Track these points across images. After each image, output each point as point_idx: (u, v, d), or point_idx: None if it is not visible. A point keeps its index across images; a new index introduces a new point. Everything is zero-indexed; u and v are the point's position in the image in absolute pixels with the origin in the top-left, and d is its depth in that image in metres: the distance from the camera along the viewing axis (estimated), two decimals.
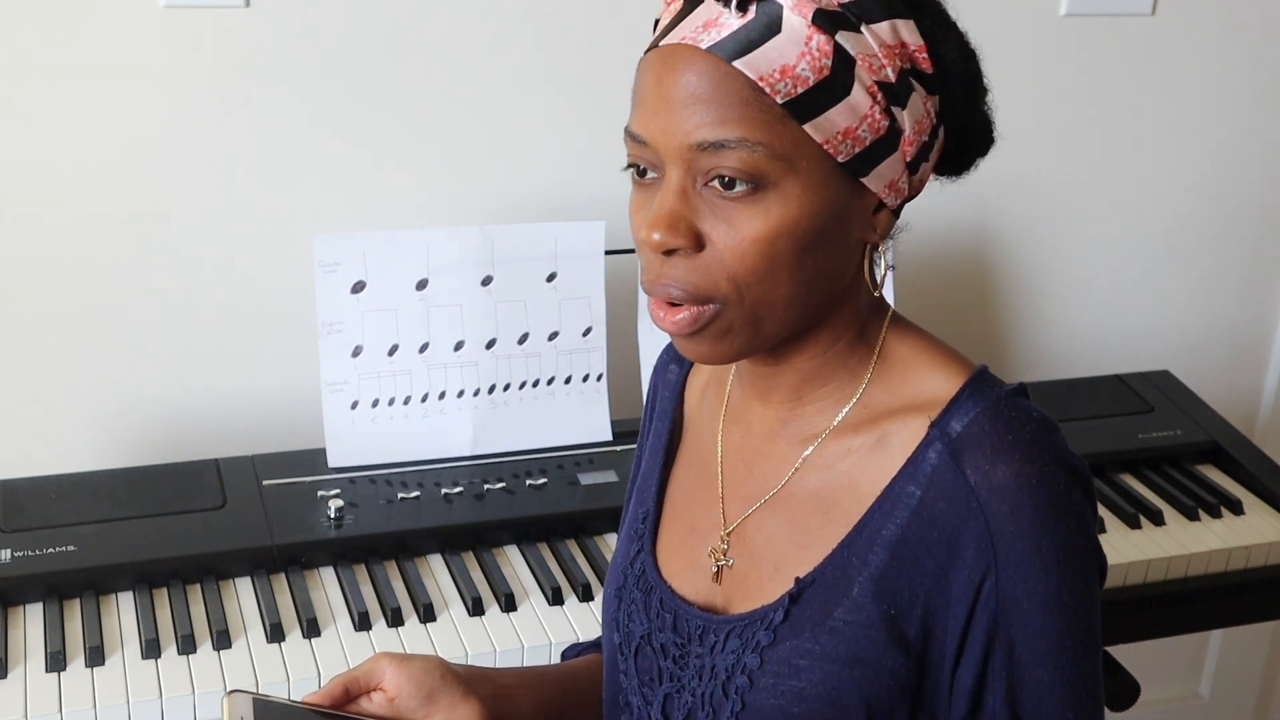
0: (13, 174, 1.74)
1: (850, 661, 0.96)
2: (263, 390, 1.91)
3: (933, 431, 0.95)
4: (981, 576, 0.93)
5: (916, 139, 0.94)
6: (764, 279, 0.92)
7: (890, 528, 0.96)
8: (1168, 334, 2.40)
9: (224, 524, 1.60)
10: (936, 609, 0.95)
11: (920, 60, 0.93)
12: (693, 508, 1.11)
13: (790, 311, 0.95)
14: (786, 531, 1.02)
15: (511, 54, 1.89)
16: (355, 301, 1.70)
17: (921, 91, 0.93)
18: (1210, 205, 2.35)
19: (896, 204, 0.96)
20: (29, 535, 1.54)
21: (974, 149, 1.00)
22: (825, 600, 0.97)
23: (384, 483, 1.70)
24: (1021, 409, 0.96)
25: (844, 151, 0.91)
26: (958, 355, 1.02)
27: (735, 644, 1.01)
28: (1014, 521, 0.92)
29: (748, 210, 0.91)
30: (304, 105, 1.82)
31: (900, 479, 0.96)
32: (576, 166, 1.97)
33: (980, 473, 0.93)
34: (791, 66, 0.89)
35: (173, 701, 1.38)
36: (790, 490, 1.03)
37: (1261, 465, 1.94)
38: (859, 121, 0.91)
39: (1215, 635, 2.56)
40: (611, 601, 1.13)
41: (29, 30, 1.70)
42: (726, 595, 1.05)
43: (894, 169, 0.94)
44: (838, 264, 0.95)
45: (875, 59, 0.91)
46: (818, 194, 0.91)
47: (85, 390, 1.84)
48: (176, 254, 1.83)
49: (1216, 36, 2.23)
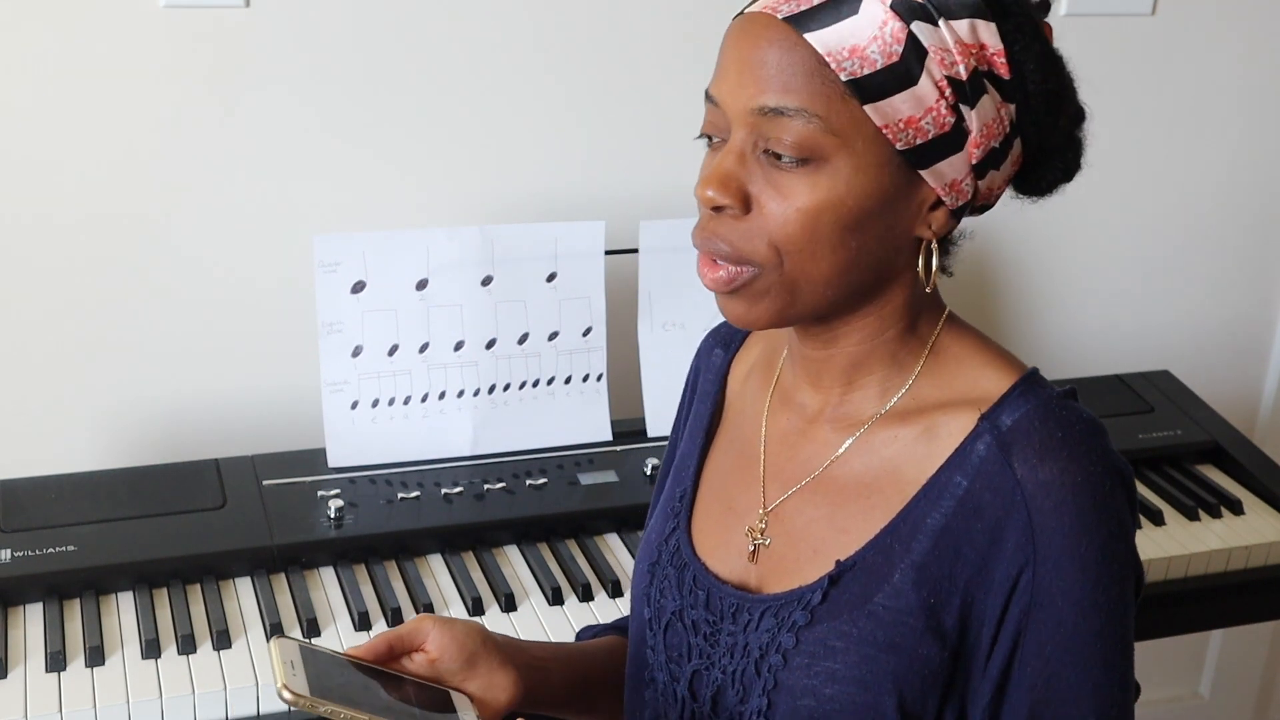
0: (13, 174, 1.74)
1: (886, 646, 0.97)
2: (263, 390, 1.91)
3: (982, 424, 0.96)
4: (1019, 569, 0.94)
5: (985, 142, 0.94)
6: (804, 250, 0.94)
7: (935, 516, 0.97)
8: (1168, 334, 2.40)
9: (224, 524, 1.60)
10: (975, 599, 0.96)
11: (997, 64, 0.93)
12: (731, 488, 1.12)
13: (830, 288, 0.96)
14: (827, 515, 1.03)
15: (512, 54, 1.89)
16: (355, 301, 1.70)
17: (995, 96, 0.94)
18: (1210, 205, 2.35)
19: (957, 204, 0.96)
20: (29, 535, 1.54)
21: (1053, 169, 1.00)
22: (865, 584, 0.98)
23: (384, 483, 1.70)
24: (1072, 409, 0.97)
25: (903, 140, 0.92)
26: (1011, 356, 1.03)
27: (770, 623, 1.02)
28: (1056, 518, 0.93)
29: (799, 181, 0.93)
30: (304, 105, 1.82)
31: (947, 468, 0.97)
32: (576, 166, 1.97)
33: (1028, 466, 0.94)
34: (862, 47, 0.91)
35: (173, 701, 1.38)
36: (833, 474, 1.04)
37: (1261, 465, 1.94)
38: (923, 113, 0.92)
39: (1215, 635, 2.56)
40: (643, 577, 1.14)
41: (29, 30, 1.70)
42: (761, 575, 1.06)
43: (957, 168, 0.95)
44: (884, 251, 0.97)
45: (949, 54, 0.92)
46: (869, 176, 0.93)
47: (85, 390, 1.84)
48: (176, 254, 1.83)
49: (1216, 36, 2.23)
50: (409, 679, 1.02)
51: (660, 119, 1.98)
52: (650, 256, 1.81)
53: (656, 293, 1.82)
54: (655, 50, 1.96)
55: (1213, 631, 2.52)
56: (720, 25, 0.94)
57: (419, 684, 1.02)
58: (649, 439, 1.82)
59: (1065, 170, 1.00)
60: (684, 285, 1.82)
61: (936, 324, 1.03)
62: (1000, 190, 1.00)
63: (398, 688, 1.00)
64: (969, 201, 0.97)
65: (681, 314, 1.84)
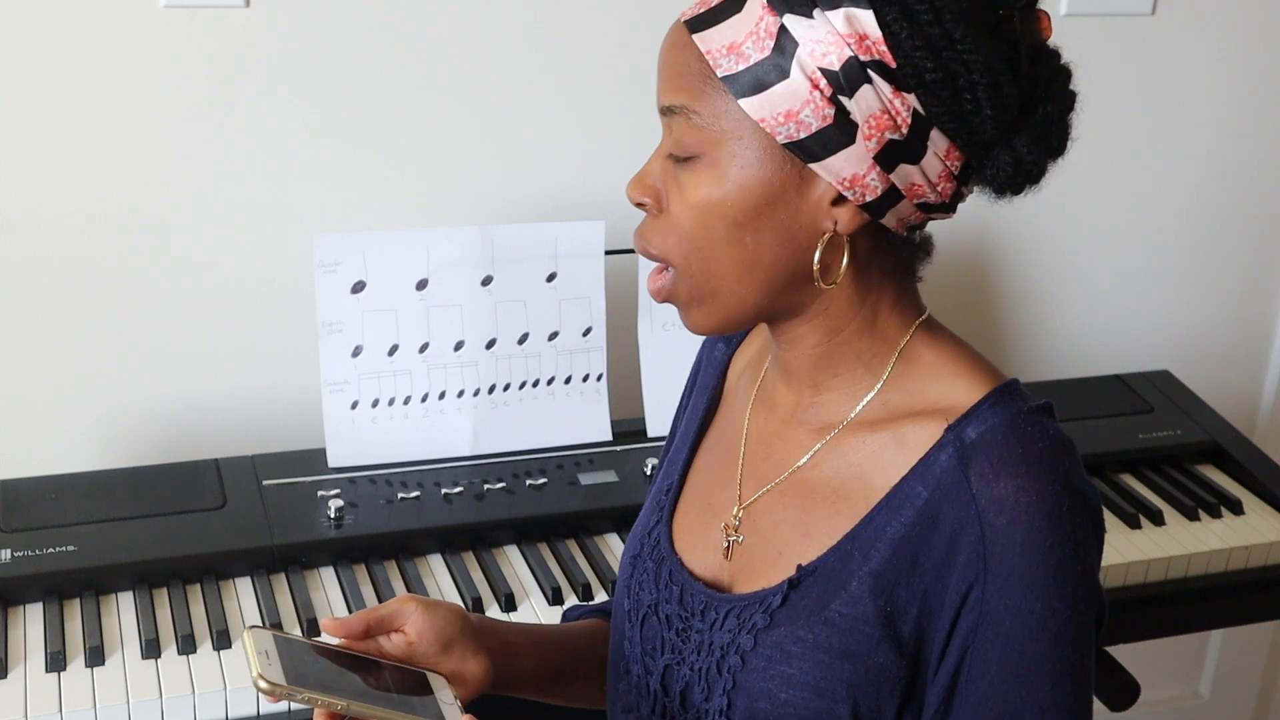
0: (13, 174, 1.74)
1: (841, 654, 0.96)
2: (263, 390, 1.91)
3: (948, 434, 0.96)
4: (969, 585, 0.93)
5: (877, 134, 0.91)
6: (702, 248, 0.97)
7: (895, 525, 0.96)
8: (1168, 334, 2.40)
9: (224, 524, 1.60)
10: (932, 610, 0.95)
11: (878, 52, 0.90)
12: (712, 484, 1.12)
13: (743, 286, 0.97)
14: (794, 516, 1.03)
15: (512, 54, 1.89)
16: (355, 301, 1.70)
17: (885, 86, 0.90)
18: (1210, 205, 2.35)
19: (865, 200, 0.94)
20: (29, 535, 1.54)
21: (998, 165, 0.94)
22: (824, 590, 0.98)
23: (384, 483, 1.70)
24: (1039, 425, 0.95)
25: (785, 134, 0.92)
26: (988, 366, 1.02)
27: (733, 623, 1.02)
28: (1007, 535, 0.92)
29: (691, 178, 0.96)
30: (304, 105, 1.82)
31: (910, 478, 0.97)
32: (576, 166, 1.97)
33: (983, 481, 0.93)
34: (739, 44, 0.92)
35: (173, 701, 1.38)
36: (803, 476, 1.04)
37: (1261, 465, 1.94)
38: (800, 105, 0.91)
39: (1215, 635, 2.56)
40: (626, 568, 1.15)
41: (29, 30, 1.69)
42: (733, 574, 1.07)
43: (855, 162, 0.92)
44: (788, 248, 0.96)
45: (821, 44, 0.90)
46: (752, 172, 0.94)
47: (85, 390, 1.84)
48: (176, 254, 1.83)
49: (1216, 36, 2.23)
50: (385, 663, 1.02)
51: (660, 119, 1.98)
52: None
53: None
54: (655, 50, 1.95)
55: (1213, 631, 2.52)
56: None
57: (395, 667, 1.02)
58: (649, 439, 1.82)
59: (1016, 166, 0.93)
60: None
61: (907, 328, 1.02)
62: (944, 186, 0.95)
63: (374, 673, 1.00)
64: (879, 197, 0.94)
65: None
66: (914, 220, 0.98)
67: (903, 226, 0.98)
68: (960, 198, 0.97)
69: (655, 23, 1.95)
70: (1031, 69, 0.93)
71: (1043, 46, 0.95)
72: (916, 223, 0.99)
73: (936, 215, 0.99)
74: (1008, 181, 0.94)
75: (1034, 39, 0.94)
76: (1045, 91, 0.93)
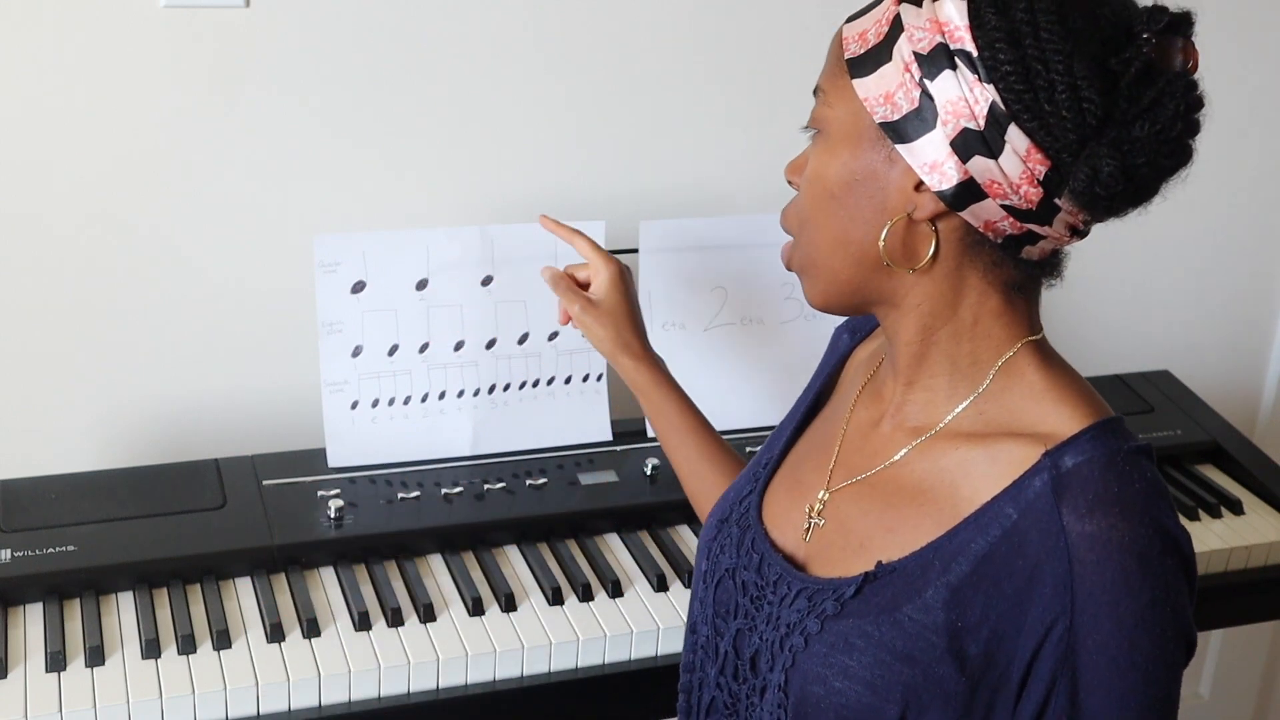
0: (12, 174, 1.74)
1: (903, 656, 0.97)
2: (263, 390, 1.91)
3: (1044, 460, 0.96)
4: (1054, 618, 0.93)
5: (953, 120, 0.93)
6: (808, 218, 1.03)
7: (980, 542, 0.96)
8: (1168, 334, 2.40)
9: (224, 524, 1.60)
10: (1005, 634, 0.95)
11: (959, 38, 0.92)
12: (806, 465, 1.16)
13: (836, 259, 1.02)
14: (879, 511, 1.05)
15: (512, 54, 1.89)
16: (355, 301, 1.70)
17: (967, 74, 0.92)
18: (1210, 205, 2.35)
19: (941, 188, 0.95)
20: (29, 535, 1.54)
21: (1077, 177, 0.92)
22: (898, 591, 0.99)
23: (384, 483, 1.70)
24: (1136, 466, 0.96)
25: (881, 114, 0.96)
26: (1095, 398, 1.02)
27: (803, 604, 1.04)
28: (1097, 573, 0.92)
29: (813, 152, 1.03)
30: (304, 105, 1.82)
31: (1002, 498, 0.97)
32: (576, 166, 1.97)
33: (1075, 516, 0.93)
34: (867, 31, 0.98)
35: (173, 701, 1.38)
36: (893, 473, 1.05)
37: (1261, 465, 1.94)
38: (896, 87, 0.95)
39: (1215, 635, 2.56)
40: (710, 529, 1.19)
41: (28, 30, 1.69)
42: (810, 555, 1.09)
43: (935, 147, 0.94)
44: (872, 225, 0.99)
45: (919, 30, 0.94)
46: (850, 149, 0.99)
47: (85, 390, 1.84)
48: (176, 254, 1.83)
49: (1216, 37, 2.23)
50: None
51: (660, 119, 1.98)
52: (650, 256, 1.81)
53: (656, 293, 1.82)
54: (655, 50, 1.96)
55: (1213, 631, 2.52)
56: (720, 25, 0.94)
57: None
58: (649, 439, 1.82)
59: (1093, 179, 0.91)
60: (684, 285, 1.82)
61: (1012, 343, 1.02)
62: (1027, 190, 0.93)
63: None
64: (956, 189, 0.94)
65: (681, 314, 1.84)
66: (1009, 228, 0.97)
67: (992, 230, 0.97)
68: (1052, 210, 0.95)
69: (655, 23, 1.95)
70: (1134, 86, 0.91)
71: (1160, 68, 0.92)
72: (1014, 232, 0.97)
73: (1035, 228, 0.96)
74: (1088, 196, 0.93)
75: (1159, 62, 0.92)
76: (1141, 110, 0.91)
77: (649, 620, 1.54)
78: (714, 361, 1.85)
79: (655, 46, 1.95)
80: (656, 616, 1.55)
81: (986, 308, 1.02)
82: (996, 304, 1.02)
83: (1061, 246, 1.01)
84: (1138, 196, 0.95)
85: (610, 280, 1.48)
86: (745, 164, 2.03)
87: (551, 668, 1.50)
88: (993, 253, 0.99)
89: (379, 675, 1.44)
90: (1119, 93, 0.91)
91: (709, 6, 1.95)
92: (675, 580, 1.61)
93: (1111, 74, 0.91)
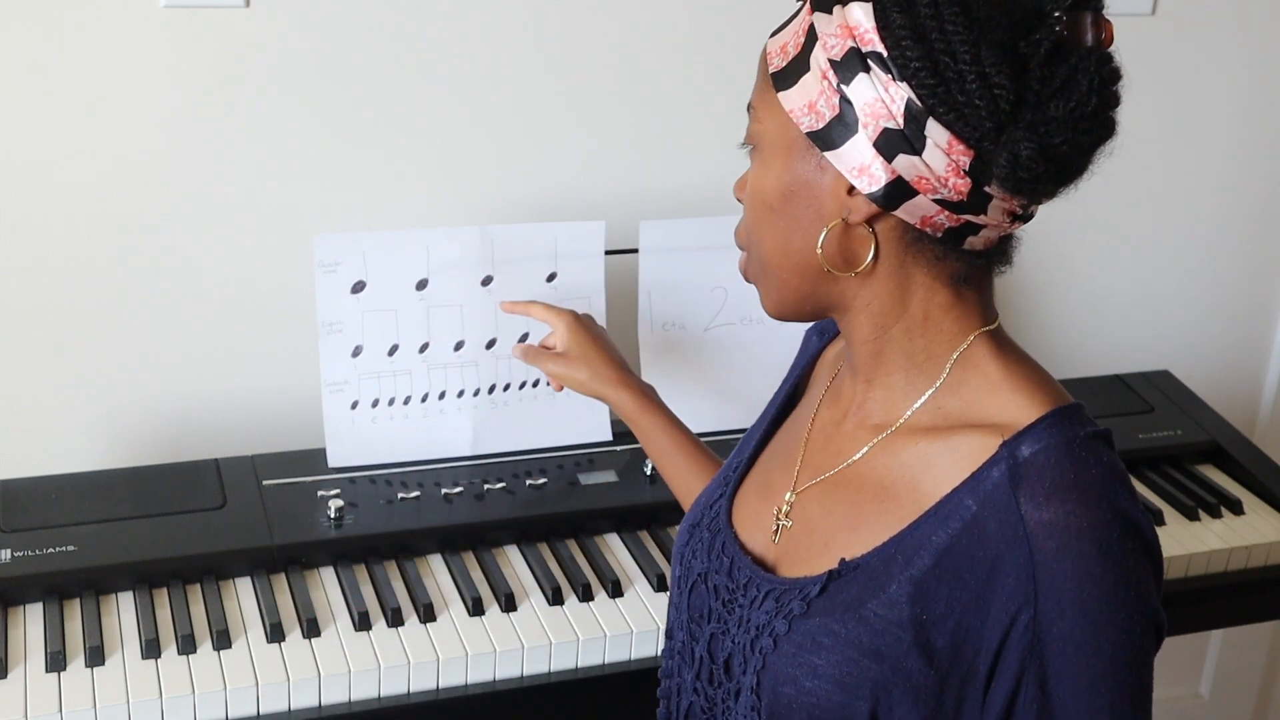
0: (12, 174, 1.74)
1: (870, 653, 0.97)
2: (263, 390, 1.91)
3: (1002, 450, 0.96)
4: (1018, 607, 0.93)
5: (873, 122, 0.94)
6: (753, 231, 1.06)
7: (941, 535, 0.97)
8: (1168, 334, 2.40)
9: (224, 524, 1.60)
10: (970, 626, 0.96)
11: (869, 40, 0.93)
12: (774, 467, 1.17)
13: (783, 270, 1.03)
14: (842, 509, 1.05)
15: (512, 54, 1.89)
16: (355, 301, 1.70)
17: (879, 73, 0.93)
18: (1210, 205, 2.35)
19: (870, 190, 0.96)
20: (29, 535, 1.54)
21: (1000, 164, 0.92)
22: (863, 588, 0.99)
23: (384, 483, 1.70)
24: (1094, 451, 0.96)
25: (806, 124, 0.97)
26: (1052, 386, 1.03)
27: (771, 606, 1.05)
28: (1058, 561, 0.92)
29: (751, 168, 1.05)
30: (304, 105, 1.82)
31: (961, 490, 0.97)
32: (576, 166, 1.97)
33: (1033, 504, 0.93)
34: (787, 44, 1.00)
35: (173, 701, 1.38)
36: (855, 471, 1.06)
37: (1261, 465, 1.94)
38: (817, 95, 0.96)
39: (1215, 635, 2.56)
40: (683, 534, 1.20)
41: (28, 30, 1.69)
42: (778, 556, 1.09)
43: (860, 151, 0.95)
44: (811, 233, 1.00)
45: (831, 37, 0.95)
46: (782, 161, 1.00)
47: (85, 390, 1.84)
48: (176, 254, 1.83)
49: (1216, 36, 2.23)
50: None
51: (660, 119, 1.98)
52: (650, 256, 1.81)
53: (656, 293, 1.82)
54: (655, 50, 1.96)
55: (1213, 631, 2.52)
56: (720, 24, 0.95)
57: None
58: None
59: (1014, 163, 0.91)
60: (684, 285, 1.82)
61: (965, 335, 1.03)
62: (955, 182, 0.94)
63: None
64: (885, 188, 0.94)
65: (681, 314, 1.84)
66: (947, 221, 0.97)
67: (930, 225, 0.97)
68: (984, 198, 0.95)
69: (655, 23, 1.95)
70: (1045, 67, 0.91)
71: (1071, 45, 0.92)
72: (952, 224, 0.97)
73: (971, 219, 0.96)
74: (1013, 181, 0.93)
75: (1070, 39, 0.92)
76: (1054, 90, 0.92)
77: (649, 620, 1.55)
78: (714, 361, 1.85)
79: (655, 46, 1.95)
80: (656, 616, 1.55)
81: (935, 302, 1.02)
82: (945, 298, 1.02)
83: (1006, 233, 1.01)
84: (1063, 175, 0.95)
85: (567, 329, 1.54)
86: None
87: (551, 668, 1.51)
88: (934, 247, 0.99)
89: (379, 675, 1.44)
90: (1030, 74, 0.91)
91: (709, 6, 1.95)
92: None
93: (1021, 57, 0.91)
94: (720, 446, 1.78)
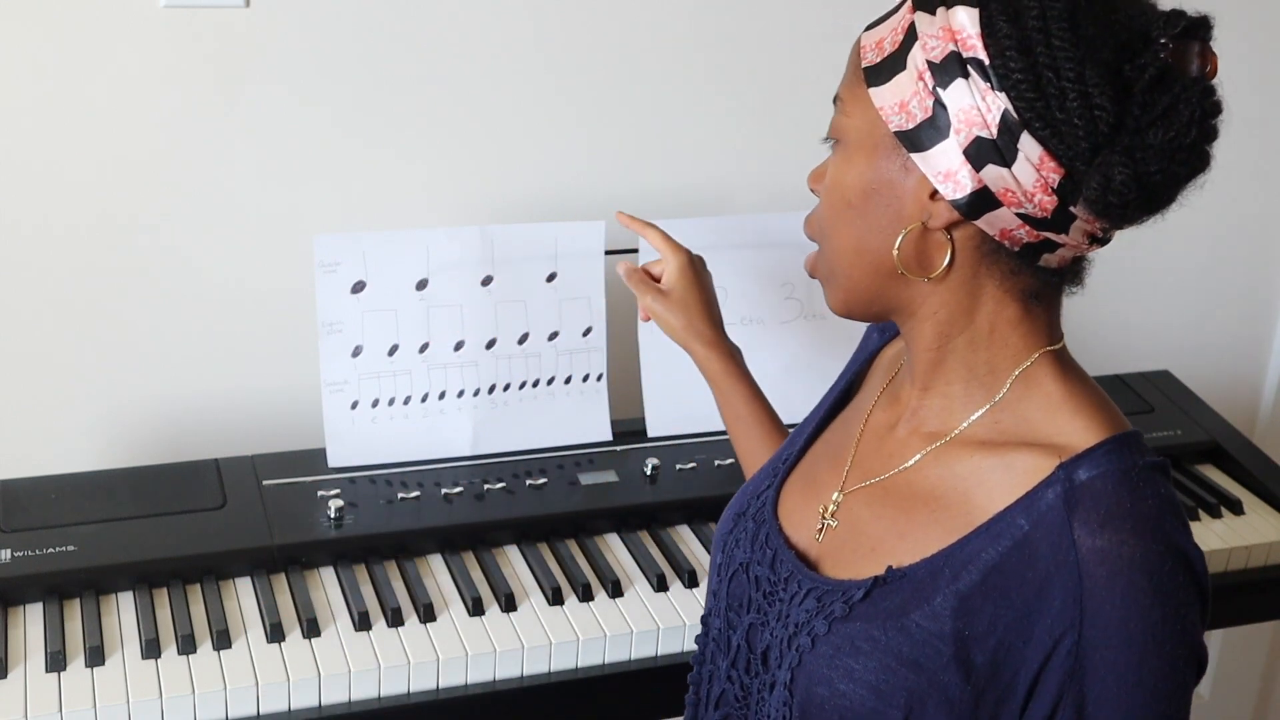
0: (12, 174, 1.74)
1: (909, 663, 0.97)
2: (263, 390, 1.91)
3: (1058, 472, 0.95)
4: (1063, 631, 0.93)
5: (965, 129, 0.92)
6: (827, 227, 1.04)
7: (991, 552, 0.96)
8: (1168, 334, 2.40)
9: (224, 524, 1.60)
10: (1013, 645, 0.95)
11: (971, 46, 0.92)
12: (823, 464, 1.16)
13: (855, 268, 1.02)
14: (891, 515, 1.05)
15: (512, 53, 1.89)
16: (355, 301, 1.70)
17: (978, 80, 0.92)
18: (1210, 205, 2.33)
19: (955, 196, 0.95)
20: (29, 535, 1.54)
21: (1091, 185, 0.91)
22: (907, 598, 0.99)
23: (384, 483, 1.70)
24: (1150, 482, 0.95)
25: (896, 123, 0.96)
26: (1113, 412, 1.02)
27: (812, 604, 1.04)
28: (1107, 589, 0.92)
29: (831, 162, 1.04)
30: (304, 105, 1.82)
31: (1014, 509, 0.96)
32: (576, 166, 1.97)
33: (1087, 530, 0.93)
34: (883, 40, 0.98)
35: (173, 701, 1.38)
36: (906, 478, 1.05)
37: (1261, 465, 1.94)
38: (910, 96, 0.95)
39: (1215, 635, 2.56)
40: (727, 523, 1.19)
41: (28, 30, 1.69)
42: (822, 554, 1.09)
43: (949, 156, 0.94)
44: (888, 234, 0.99)
45: (932, 39, 0.94)
46: (869, 157, 0.99)
47: (85, 390, 1.84)
48: (176, 254, 1.83)
49: (1216, 36, 2.23)
50: None
51: (660, 119, 1.98)
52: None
53: None
54: (655, 50, 1.96)
55: (1213, 631, 2.52)
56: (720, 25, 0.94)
57: None
58: (649, 439, 1.82)
59: (1105, 187, 0.90)
60: None
61: (1030, 353, 1.02)
62: (1042, 199, 0.93)
63: None
64: (970, 197, 0.94)
65: None
66: (1026, 236, 0.96)
67: (1008, 239, 0.97)
68: (1068, 218, 0.94)
69: (655, 23, 1.95)
70: (1148, 93, 0.90)
71: (1175, 74, 0.91)
72: (1031, 240, 0.96)
73: (1051, 236, 0.96)
74: (1101, 204, 0.92)
75: (1175, 68, 0.91)
76: (1155, 117, 0.90)
77: (649, 620, 1.55)
78: None
79: (655, 46, 1.95)
80: (656, 616, 1.55)
81: (1003, 316, 1.01)
82: (1014, 313, 1.01)
83: (1082, 254, 1.00)
84: (1153, 204, 0.95)
85: (679, 269, 1.48)
86: (745, 164, 2.03)
87: (551, 668, 1.51)
88: (1009, 261, 0.99)
89: (379, 675, 1.44)
90: (1132, 99, 0.90)
91: (709, 6, 1.95)
92: (675, 580, 1.61)
93: (1125, 80, 0.90)
94: (720, 446, 1.78)
